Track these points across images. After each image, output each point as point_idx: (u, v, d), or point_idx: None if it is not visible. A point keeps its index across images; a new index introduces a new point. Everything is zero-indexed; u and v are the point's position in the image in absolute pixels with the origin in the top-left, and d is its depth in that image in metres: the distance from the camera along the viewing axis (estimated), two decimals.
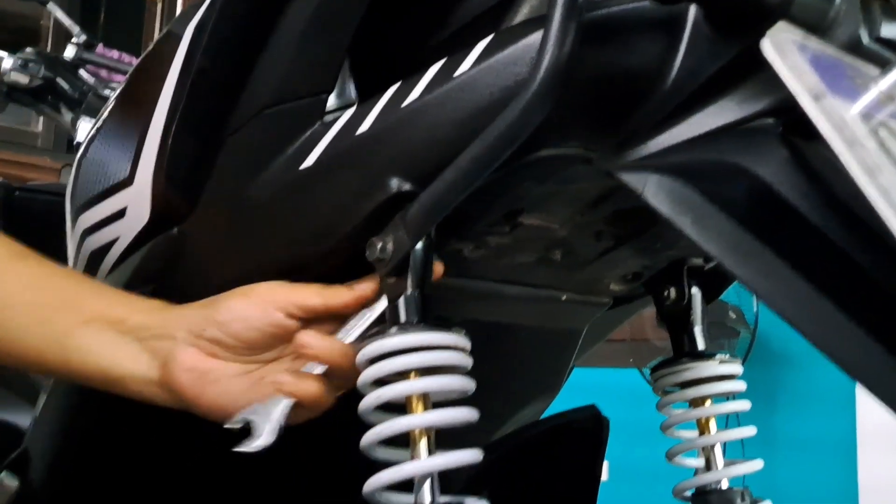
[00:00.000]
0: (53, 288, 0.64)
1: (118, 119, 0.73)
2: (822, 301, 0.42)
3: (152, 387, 0.62)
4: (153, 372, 0.61)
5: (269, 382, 0.61)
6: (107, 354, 0.62)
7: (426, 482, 0.56)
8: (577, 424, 0.69)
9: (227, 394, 0.61)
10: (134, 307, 0.63)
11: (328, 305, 0.60)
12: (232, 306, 0.61)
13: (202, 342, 0.61)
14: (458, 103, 0.55)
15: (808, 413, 2.41)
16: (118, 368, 0.62)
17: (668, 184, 0.48)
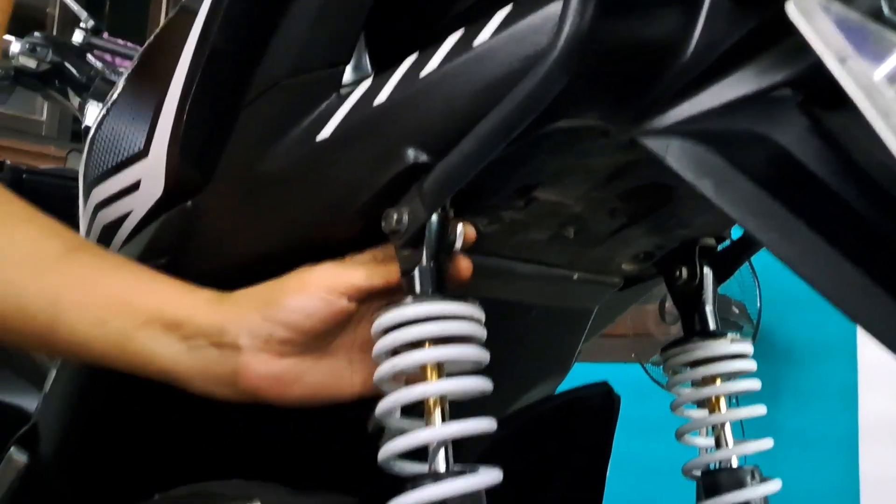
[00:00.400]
0: (110, 284, 0.63)
1: (133, 92, 0.73)
2: (846, 264, 0.42)
3: (223, 388, 0.61)
4: (222, 377, 0.61)
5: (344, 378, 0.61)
6: (168, 359, 0.61)
7: (441, 450, 0.56)
8: (590, 400, 0.69)
9: (310, 387, 0.61)
10: (189, 305, 0.62)
11: (386, 281, 0.60)
12: (294, 304, 0.60)
13: (272, 345, 0.60)
14: (476, 73, 0.55)
15: (811, 408, 2.41)
16: (182, 373, 0.61)
17: (690, 148, 0.48)
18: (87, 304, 0.62)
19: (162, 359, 0.62)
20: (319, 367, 0.62)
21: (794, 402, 2.40)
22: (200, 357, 0.61)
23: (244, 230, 0.66)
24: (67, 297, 0.62)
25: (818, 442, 2.40)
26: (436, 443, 0.56)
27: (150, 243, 0.71)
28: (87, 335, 0.62)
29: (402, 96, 0.58)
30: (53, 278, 0.63)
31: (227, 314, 0.61)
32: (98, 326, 0.62)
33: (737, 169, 0.46)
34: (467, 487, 0.54)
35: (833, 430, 2.40)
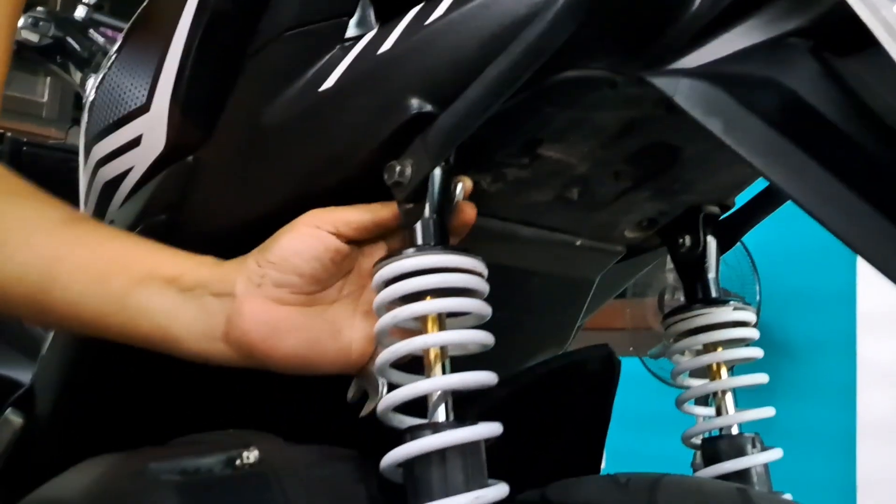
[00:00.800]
0: (108, 250, 0.63)
1: (136, 45, 0.72)
2: (855, 200, 0.42)
3: (216, 343, 0.60)
4: (216, 329, 0.60)
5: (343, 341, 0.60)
6: (165, 313, 0.60)
7: (441, 402, 0.55)
8: (590, 363, 0.68)
9: (304, 343, 0.60)
10: (188, 263, 0.62)
11: (377, 220, 0.59)
12: (283, 244, 0.59)
13: (265, 289, 0.59)
14: (483, 20, 0.55)
15: (809, 405, 2.41)
16: (177, 327, 0.60)
17: (699, 87, 0.48)
18: (86, 264, 0.62)
19: (157, 315, 0.61)
20: (316, 323, 0.60)
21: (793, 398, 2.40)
22: (196, 307, 0.60)
23: (246, 184, 0.66)
24: (66, 259, 0.62)
25: (816, 439, 2.39)
26: (436, 394, 0.56)
27: (151, 199, 0.70)
28: (83, 294, 0.61)
29: (406, 45, 0.57)
30: (52, 242, 0.62)
31: (226, 267, 0.61)
32: (97, 286, 0.61)
33: (746, 109, 0.45)
34: (466, 437, 0.54)
35: (831, 428, 2.39)
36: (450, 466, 0.54)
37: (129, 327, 0.61)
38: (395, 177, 0.58)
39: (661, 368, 2.32)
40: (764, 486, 0.71)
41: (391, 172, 0.58)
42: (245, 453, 0.54)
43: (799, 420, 2.37)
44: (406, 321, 0.57)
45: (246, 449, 0.54)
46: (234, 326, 0.59)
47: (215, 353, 0.61)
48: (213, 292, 0.60)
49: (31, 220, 0.63)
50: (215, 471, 0.54)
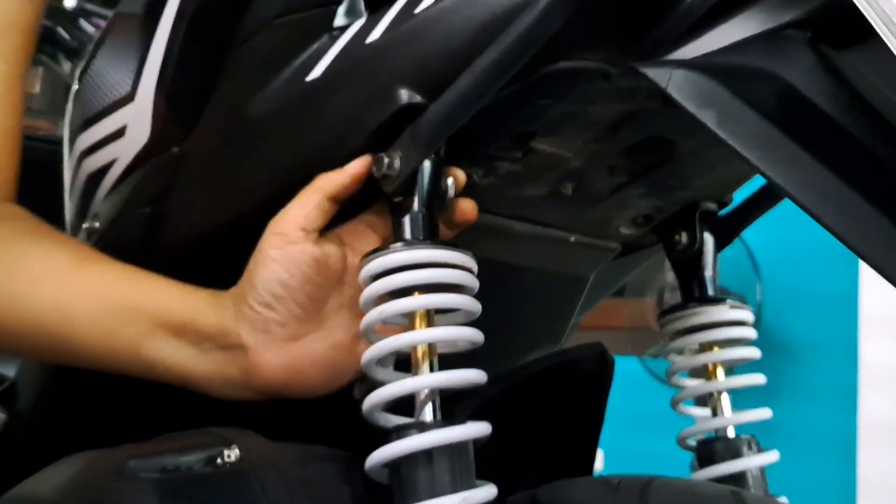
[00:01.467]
0: (116, 294, 0.62)
1: (120, 34, 0.71)
2: (850, 193, 0.41)
3: (237, 389, 0.60)
4: (233, 378, 0.59)
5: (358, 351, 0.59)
6: (179, 365, 0.60)
7: (429, 401, 0.54)
8: (583, 362, 0.67)
9: (324, 374, 0.59)
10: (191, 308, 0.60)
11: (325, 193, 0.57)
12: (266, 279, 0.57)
13: (274, 331, 0.58)
14: (475, 8, 0.53)
15: (810, 406, 2.40)
16: (195, 377, 0.60)
17: (693, 78, 0.46)
18: (96, 314, 0.62)
19: (174, 365, 0.61)
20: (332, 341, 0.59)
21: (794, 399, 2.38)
22: (210, 360, 0.60)
23: (232, 176, 0.65)
24: (78, 308, 0.62)
25: (816, 440, 2.38)
26: (424, 392, 0.54)
27: (136, 191, 0.69)
28: (98, 345, 0.62)
29: (396, 34, 0.56)
30: (62, 291, 0.63)
31: (225, 313, 0.60)
32: (107, 336, 0.61)
33: (741, 101, 0.44)
34: (455, 437, 0.52)
35: (832, 429, 2.38)
36: (437, 467, 0.52)
37: (148, 373, 0.62)
38: (383, 169, 0.56)
39: (660, 368, 2.31)
40: (759, 489, 0.69)
41: (379, 165, 0.56)
42: (226, 451, 0.52)
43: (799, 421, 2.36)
44: (393, 317, 0.56)
45: (227, 447, 0.53)
46: (256, 379, 0.59)
47: (240, 396, 0.61)
48: (221, 346, 0.59)
49: (41, 268, 0.63)
50: (195, 469, 0.53)
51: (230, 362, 0.59)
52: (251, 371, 0.59)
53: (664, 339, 0.75)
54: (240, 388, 0.60)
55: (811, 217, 0.41)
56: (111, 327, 0.61)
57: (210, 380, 0.60)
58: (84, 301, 0.62)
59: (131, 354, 0.61)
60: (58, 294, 0.62)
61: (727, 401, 0.73)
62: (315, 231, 0.58)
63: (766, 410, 0.71)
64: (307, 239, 0.58)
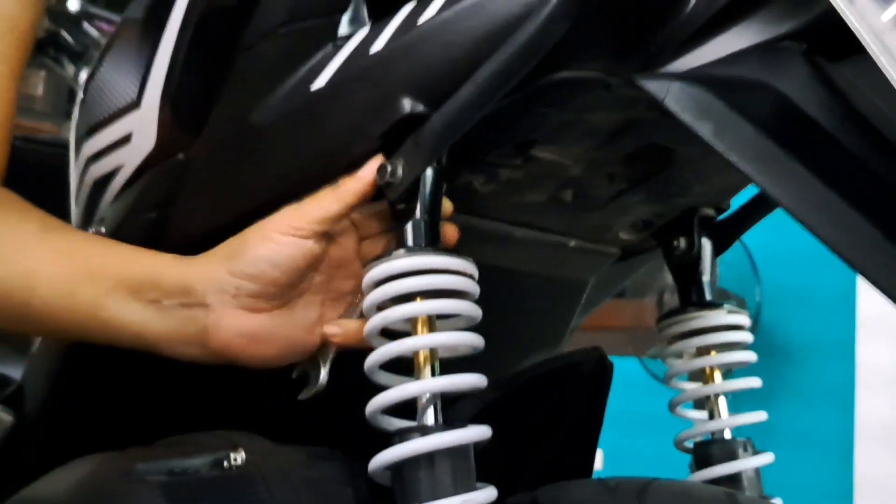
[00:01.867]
0: (81, 257, 0.64)
1: (126, 42, 0.72)
2: (842, 206, 0.41)
3: (192, 348, 0.61)
4: (191, 337, 0.61)
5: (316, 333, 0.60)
6: (136, 323, 0.61)
7: (430, 405, 0.55)
8: (582, 366, 0.68)
9: (283, 345, 0.60)
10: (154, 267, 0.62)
11: (346, 203, 0.58)
12: (258, 254, 0.59)
13: (241, 300, 0.59)
14: (476, 19, 0.54)
15: (807, 407, 2.40)
16: (151, 336, 0.62)
17: (690, 91, 0.47)
18: (58, 277, 0.63)
19: (132, 324, 0.62)
20: (293, 320, 0.60)
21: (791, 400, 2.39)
22: (169, 318, 0.61)
23: (236, 182, 0.65)
24: (40, 272, 0.63)
25: (813, 441, 2.39)
26: (425, 397, 0.55)
27: (141, 197, 0.70)
28: (59, 308, 0.63)
29: (399, 44, 0.57)
30: (27, 257, 0.64)
31: (193, 273, 0.61)
32: (69, 297, 0.62)
33: (737, 113, 0.45)
34: (455, 441, 0.53)
35: (829, 430, 2.39)
36: (438, 469, 0.53)
37: (106, 335, 0.63)
38: (386, 177, 0.57)
39: (660, 369, 2.32)
40: (754, 491, 0.70)
41: (382, 173, 0.57)
42: (232, 454, 0.53)
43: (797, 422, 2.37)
44: (396, 322, 0.57)
45: (233, 450, 0.53)
46: (213, 338, 0.60)
47: (193, 356, 0.62)
48: (183, 303, 0.60)
49: (7, 234, 0.64)
50: (202, 472, 0.53)
51: (189, 320, 0.60)
52: (209, 331, 0.60)
53: (663, 342, 0.76)
54: (195, 346, 0.61)
55: (805, 228, 0.42)
56: (72, 288, 0.62)
57: (166, 338, 0.61)
58: (47, 265, 0.63)
59: (90, 315, 0.62)
60: (22, 260, 0.63)
61: (724, 404, 0.73)
62: (323, 232, 0.59)
63: (762, 413, 0.72)
64: (314, 237, 0.59)
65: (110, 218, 0.72)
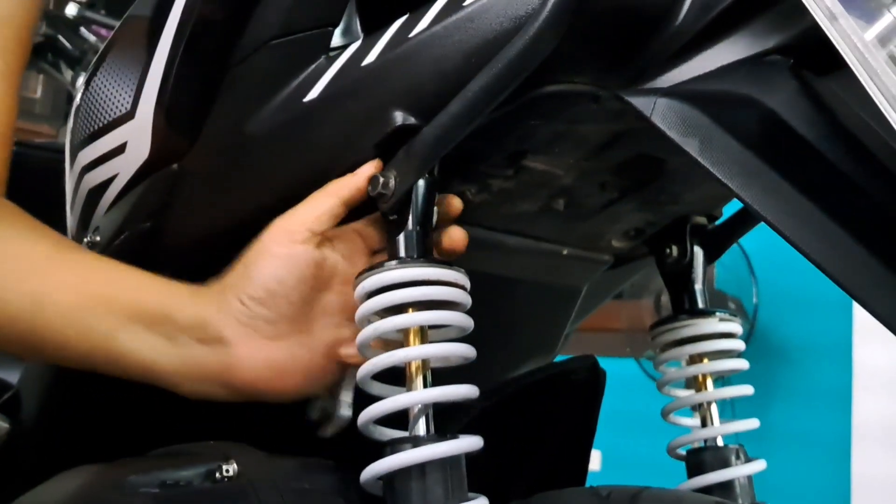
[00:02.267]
0: (94, 285, 0.61)
1: (121, 52, 0.72)
2: (826, 221, 0.42)
3: (210, 386, 0.59)
4: (208, 374, 0.59)
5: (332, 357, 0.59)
6: (152, 359, 0.59)
7: (422, 416, 0.55)
8: (575, 374, 0.68)
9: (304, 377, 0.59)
10: (169, 299, 0.60)
11: (339, 197, 0.58)
12: (263, 274, 0.57)
13: (259, 329, 0.58)
14: (466, 33, 0.54)
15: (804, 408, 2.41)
16: (167, 372, 0.60)
17: (676, 107, 0.48)
18: (70, 305, 0.60)
19: (146, 359, 0.59)
20: (315, 344, 0.59)
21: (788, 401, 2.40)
22: (187, 355, 0.59)
23: (230, 193, 0.66)
24: (51, 299, 0.61)
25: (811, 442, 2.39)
26: (417, 407, 0.55)
27: (136, 207, 0.70)
28: (70, 338, 0.61)
29: (390, 57, 0.57)
30: (37, 281, 0.61)
31: (207, 306, 0.59)
32: (80, 327, 0.60)
33: (723, 129, 0.46)
34: (447, 452, 0.54)
35: (826, 431, 2.39)
36: (429, 480, 0.54)
37: (117, 368, 0.61)
38: (378, 188, 0.58)
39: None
40: (747, 498, 0.71)
41: (375, 184, 0.58)
42: (224, 466, 0.54)
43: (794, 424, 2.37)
44: (388, 333, 0.57)
45: (225, 461, 0.54)
46: (234, 375, 0.58)
47: (210, 394, 0.60)
48: (199, 339, 0.59)
49: (19, 256, 0.62)
50: (194, 483, 0.54)
51: (208, 357, 0.58)
52: (231, 366, 0.58)
53: (655, 350, 0.76)
54: (215, 384, 0.59)
55: (788, 242, 0.42)
56: (84, 319, 0.60)
57: (182, 375, 0.59)
58: (58, 291, 0.61)
59: (101, 346, 0.60)
60: (32, 284, 0.61)
61: (716, 411, 0.74)
62: (321, 234, 0.58)
63: (754, 421, 0.73)
64: (312, 241, 0.58)
65: (105, 227, 0.72)
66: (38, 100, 2.42)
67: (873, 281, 0.41)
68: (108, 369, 0.61)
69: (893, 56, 0.42)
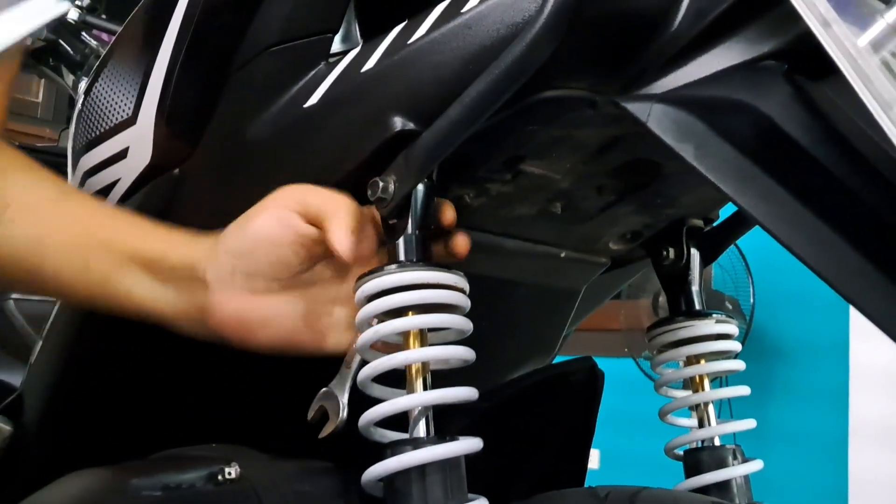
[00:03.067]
0: (94, 227, 0.64)
1: (122, 58, 0.73)
2: (821, 225, 0.42)
3: (195, 326, 0.62)
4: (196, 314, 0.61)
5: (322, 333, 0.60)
6: (147, 298, 0.62)
7: (422, 418, 0.56)
8: (573, 376, 0.69)
9: (277, 333, 0.60)
10: (165, 244, 0.62)
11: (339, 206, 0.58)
12: (253, 231, 0.59)
13: (237, 279, 0.59)
14: (464, 40, 0.55)
15: (802, 407, 2.42)
16: (161, 310, 0.62)
17: (672, 113, 0.48)
18: (69, 246, 0.63)
19: (141, 298, 0.62)
20: (294, 309, 0.60)
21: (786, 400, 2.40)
22: (175, 295, 0.61)
23: (231, 197, 0.66)
24: (52, 240, 0.63)
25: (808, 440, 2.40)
26: (417, 410, 0.56)
27: (138, 211, 0.70)
28: (70, 277, 0.63)
29: (389, 63, 0.58)
30: (40, 223, 0.64)
31: (199, 251, 0.61)
32: (80, 268, 0.63)
33: (718, 135, 0.46)
34: (446, 453, 0.54)
35: (824, 429, 2.40)
36: (429, 482, 0.54)
37: (117, 307, 0.63)
38: (378, 193, 0.58)
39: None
40: (744, 497, 0.71)
41: (374, 188, 0.58)
42: (226, 469, 0.54)
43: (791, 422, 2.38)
44: (388, 336, 0.58)
45: (227, 464, 0.54)
46: (209, 317, 0.60)
47: (201, 334, 0.62)
48: (186, 280, 0.61)
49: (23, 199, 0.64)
50: (197, 486, 0.54)
51: (192, 297, 0.61)
52: (206, 309, 0.60)
53: (653, 351, 0.77)
54: (198, 324, 0.61)
55: (784, 248, 0.43)
56: (83, 259, 0.62)
57: (172, 315, 0.62)
58: (59, 233, 0.63)
59: (101, 287, 0.62)
60: (34, 226, 0.63)
61: (713, 412, 0.74)
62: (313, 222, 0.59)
63: (751, 421, 0.73)
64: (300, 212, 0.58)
65: None
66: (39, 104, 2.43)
67: (868, 284, 0.42)
68: (106, 307, 0.64)
69: (886, 62, 0.43)
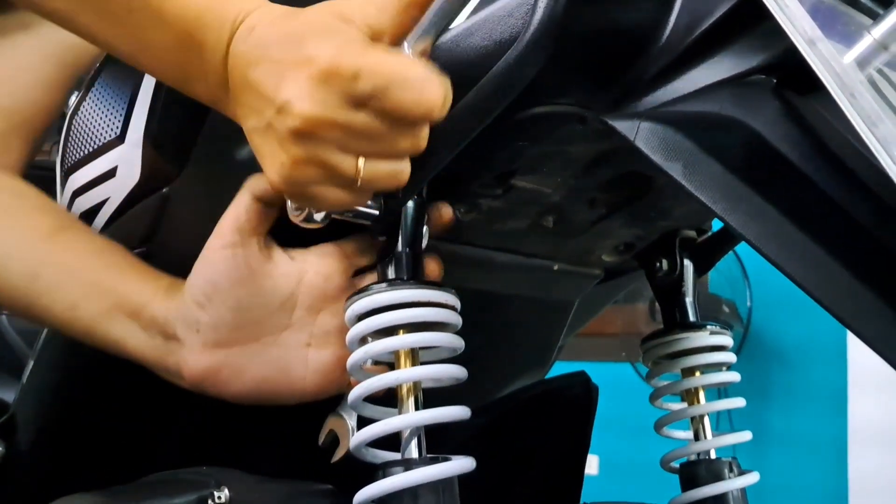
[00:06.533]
0: (84, 269, 0.64)
1: (109, 77, 0.72)
2: (811, 244, 0.42)
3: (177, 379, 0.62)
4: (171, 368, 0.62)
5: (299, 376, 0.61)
6: (134, 345, 0.63)
7: (414, 438, 0.55)
8: (567, 390, 0.68)
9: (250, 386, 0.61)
10: (148, 293, 0.63)
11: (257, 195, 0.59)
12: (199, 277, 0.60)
13: (204, 333, 0.60)
14: (451, 56, 0.54)
15: (800, 410, 2.41)
16: (146, 360, 0.63)
17: (659, 131, 0.48)
18: (62, 286, 0.64)
19: (128, 345, 0.63)
20: (266, 358, 0.60)
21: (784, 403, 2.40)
22: (156, 346, 0.62)
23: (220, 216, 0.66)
24: (46, 277, 0.64)
25: (808, 443, 2.40)
26: (409, 430, 0.56)
27: (127, 231, 0.70)
28: (61, 316, 0.64)
29: None
30: (36, 258, 0.65)
31: (172, 304, 0.61)
32: (70, 309, 0.63)
33: (707, 152, 0.46)
34: (439, 474, 0.54)
35: (823, 432, 2.40)
36: (422, 503, 0.54)
37: (105, 348, 0.64)
38: (367, 210, 0.58)
39: None
40: None
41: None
42: (216, 493, 0.54)
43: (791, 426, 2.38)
44: (379, 355, 0.58)
45: (217, 488, 0.54)
46: (185, 372, 0.61)
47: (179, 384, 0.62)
48: (162, 334, 0.61)
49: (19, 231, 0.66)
50: None
51: (169, 351, 0.61)
52: (181, 365, 0.61)
53: (647, 364, 0.76)
54: (175, 377, 0.62)
55: (773, 265, 0.43)
56: (73, 301, 0.63)
57: (154, 365, 0.62)
58: (51, 272, 0.64)
59: (89, 329, 0.63)
60: (29, 262, 0.65)
61: (709, 424, 0.74)
62: (252, 235, 0.59)
63: (747, 433, 0.73)
64: (243, 243, 0.59)
65: None
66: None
67: (860, 305, 0.42)
68: (98, 347, 0.64)
69: (872, 79, 0.43)
